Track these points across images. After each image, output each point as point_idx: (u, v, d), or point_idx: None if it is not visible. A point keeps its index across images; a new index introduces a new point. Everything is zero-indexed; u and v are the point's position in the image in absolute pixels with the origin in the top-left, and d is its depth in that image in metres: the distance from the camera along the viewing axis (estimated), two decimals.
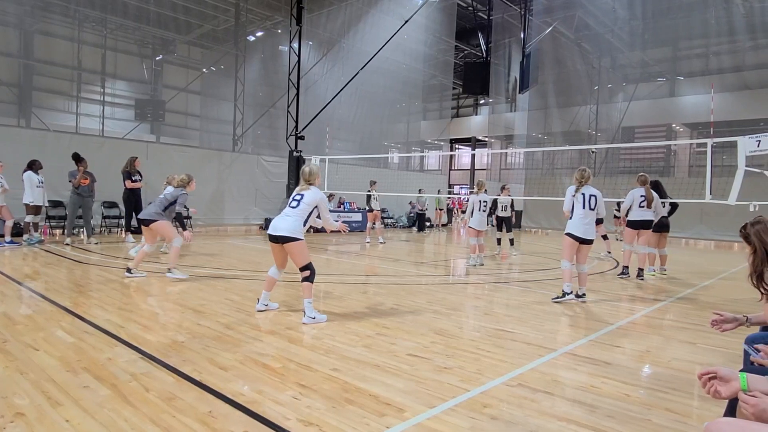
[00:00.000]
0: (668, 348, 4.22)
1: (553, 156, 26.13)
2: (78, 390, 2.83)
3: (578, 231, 5.96)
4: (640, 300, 6.41)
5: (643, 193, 7.93)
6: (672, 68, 23.56)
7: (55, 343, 3.68)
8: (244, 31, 19.63)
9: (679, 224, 19.18)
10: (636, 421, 2.71)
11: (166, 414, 2.58)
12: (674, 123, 23.96)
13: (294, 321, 4.65)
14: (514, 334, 4.48)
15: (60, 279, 6.30)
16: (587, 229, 5.97)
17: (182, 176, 7.04)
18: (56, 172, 11.27)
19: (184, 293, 5.73)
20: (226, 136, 19.26)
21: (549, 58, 22.62)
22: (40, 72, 18.00)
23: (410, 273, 8.25)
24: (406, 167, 28.32)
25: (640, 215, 7.97)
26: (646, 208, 7.93)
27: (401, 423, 2.59)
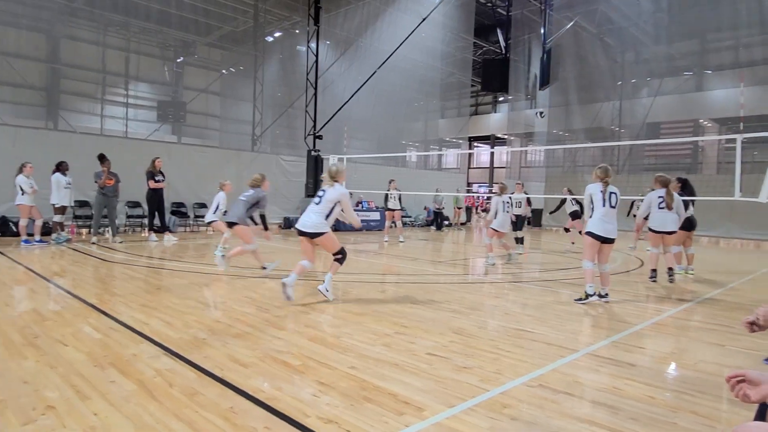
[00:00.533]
0: (695, 350, 4.12)
1: (575, 153, 25.77)
2: (105, 384, 2.90)
3: (600, 230, 5.81)
4: (666, 300, 6.28)
5: (662, 194, 7.40)
6: (699, 61, 22.96)
7: (83, 338, 3.78)
8: (262, 31, 19.83)
9: (708, 223, 18.75)
10: (661, 425, 2.66)
11: (188, 409, 2.63)
12: (702, 118, 23.37)
13: (313, 319, 4.68)
14: (534, 334, 4.44)
15: (86, 276, 6.46)
16: (609, 228, 5.83)
17: (255, 176, 7.06)
18: (82, 172, 11.54)
19: (205, 291, 5.82)
20: (245, 136, 19.49)
21: (570, 54, 22.30)
22: (66, 75, 18.47)
23: (428, 272, 8.24)
24: (424, 166, 28.27)
25: (661, 220, 7.42)
26: (666, 210, 7.39)
27: (420, 422, 2.59)
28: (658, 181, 7.51)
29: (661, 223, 7.46)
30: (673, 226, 7.47)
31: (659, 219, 7.46)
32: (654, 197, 7.47)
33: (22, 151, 11.17)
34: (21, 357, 3.31)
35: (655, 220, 7.51)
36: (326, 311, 5.08)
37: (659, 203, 7.41)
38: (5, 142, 11.41)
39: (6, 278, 6.14)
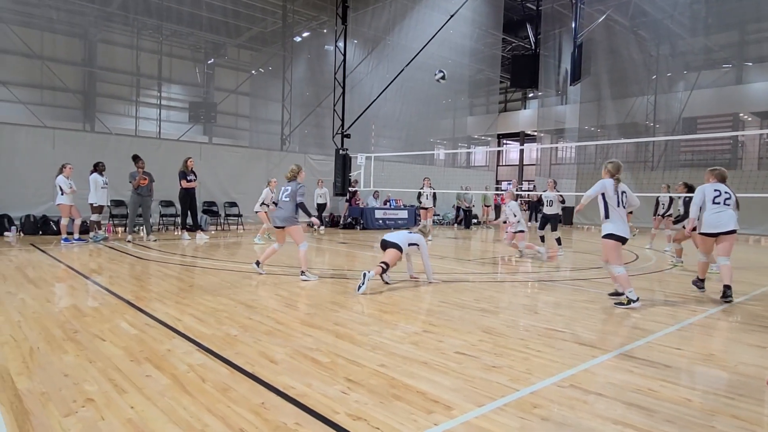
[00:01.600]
0: (734, 351, 3.98)
1: (607, 150, 25.11)
2: (141, 378, 2.99)
3: (622, 231, 5.48)
4: (704, 300, 6.08)
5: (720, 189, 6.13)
6: (739, 53, 22.06)
7: (120, 334, 3.90)
8: (291, 32, 20.03)
9: (747, 220, 18.02)
10: (698, 428, 2.58)
11: (221, 404, 2.68)
12: (741, 112, 22.45)
13: (342, 318, 4.71)
14: (565, 333, 4.36)
15: (123, 274, 6.67)
16: (626, 228, 5.56)
17: (292, 167, 7.06)
18: (118, 173, 11.92)
19: (235, 289, 5.93)
20: (274, 136, 19.73)
21: (602, 48, 21.76)
22: (102, 79, 19.08)
23: (456, 270, 8.18)
24: (452, 164, 28.06)
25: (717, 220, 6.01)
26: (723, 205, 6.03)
27: (449, 420, 2.58)
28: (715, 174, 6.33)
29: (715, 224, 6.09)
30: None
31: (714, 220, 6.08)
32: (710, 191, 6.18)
33: (61, 152, 11.62)
34: (62, 351, 3.45)
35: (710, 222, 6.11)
36: (355, 309, 5.11)
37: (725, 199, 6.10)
38: (45, 144, 11.88)
39: (47, 275, 6.40)
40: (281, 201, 6.92)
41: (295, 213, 6.79)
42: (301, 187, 6.83)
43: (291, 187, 6.85)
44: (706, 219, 6.10)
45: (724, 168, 6.31)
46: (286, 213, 6.75)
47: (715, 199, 6.05)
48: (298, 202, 6.76)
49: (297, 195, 6.75)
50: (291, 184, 6.90)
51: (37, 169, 11.42)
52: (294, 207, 6.75)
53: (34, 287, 5.58)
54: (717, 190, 6.10)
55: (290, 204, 6.75)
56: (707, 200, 6.10)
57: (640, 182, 19.91)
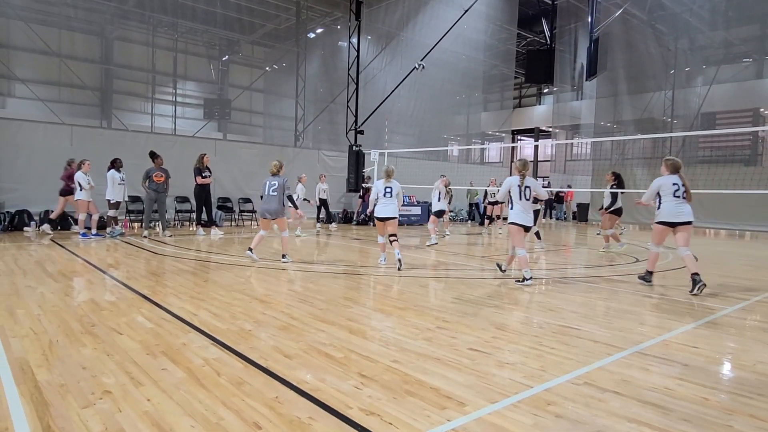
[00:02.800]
0: (753, 350, 3.91)
1: (624, 146, 24.78)
2: (157, 372, 3.04)
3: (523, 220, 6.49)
4: (722, 298, 5.98)
5: (677, 181, 6.32)
6: (760, 47, 21.56)
7: (137, 328, 3.96)
8: (304, 28, 20.07)
9: (767, 217, 17.73)
10: (715, 427, 2.54)
11: (236, 398, 2.71)
12: (762, 107, 21.99)
13: (355, 313, 4.72)
14: (579, 331, 4.32)
15: (139, 269, 6.76)
16: (528, 218, 6.51)
17: (275, 162, 7.61)
18: (134, 169, 12.07)
19: (250, 284, 5.98)
20: (288, 132, 19.82)
21: (619, 42, 21.42)
22: (119, 76, 19.32)
23: (470, 266, 8.15)
24: (466, 160, 27.92)
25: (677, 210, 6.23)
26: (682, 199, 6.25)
27: (462, 417, 2.58)
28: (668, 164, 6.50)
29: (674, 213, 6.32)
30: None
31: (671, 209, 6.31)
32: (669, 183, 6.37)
33: (78, 148, 11.80)
34: (80, 344, 3.51)
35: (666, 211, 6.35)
36: (368, 305, 5.13)
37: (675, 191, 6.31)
38: (64, 140, 12.08)
39: (66, 270, 6.51)
40: (268, 195, 7.34)
41: (283, 205, 7.34)
42: (287, 180, 7.39)
43: (278, 181, 7.32)
44: (666, 209, 6.32)
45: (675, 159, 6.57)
46: (276, 206, 7.32)
47: (675, 193, 6.30)
48: (287, 195, 7.33)
49: (286, 188, 7.34)
50: (277, 179, 7.37)
51: (55, 165, 11.60)
52: (282, 199, 7.29)
53: (53, 281, 5.68)
54: (675, 184, 6.34)
55: (278, 197, 7.27)
56: (668, 192, 6.32)
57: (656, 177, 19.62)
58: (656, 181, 6.46)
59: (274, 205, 7.32)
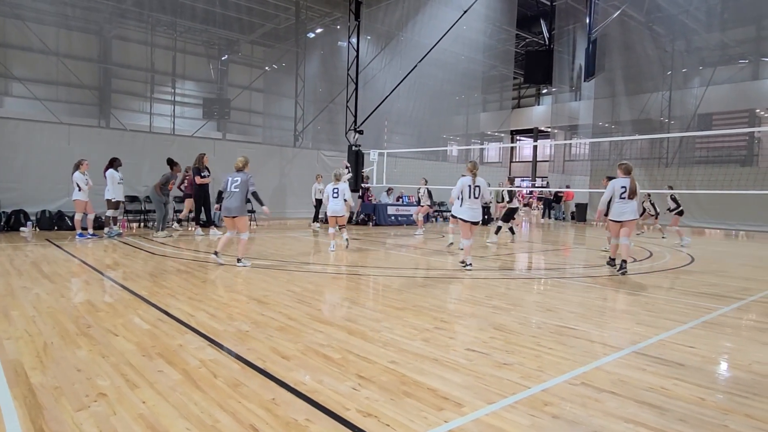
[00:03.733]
0: (749, 350, 3.92)
1: (621, 146, 24.84)
2: (153, 374, 3.03)
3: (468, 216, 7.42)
4: (718, 298, 5.99)
5: (626, 183, 7.49)
6: (755, 49, 21.66)
7: (133, 329, 3.95)
8: (304, 28, 20.06)
9: (763, 217, 17.81)
10: (711, 427, 2.55)
11: (232, 399, 2.71)
12: (758, 108, 22.07)
13: (353, 314, 4.72)
14: (577, 331, 4.32)
15: (136, 269, 6.75)
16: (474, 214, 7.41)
17: (240, 158, 7.21)
18: (133, 168, 12.06)
19: (248, 284, 5.97)
20: (287, 132, 19.82)
21: (617, 44, 21.47)
22: (117, 75, 19.29)
23: (470, 267, 8.14)
24: (465, 160, 27.92)
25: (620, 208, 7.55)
26: (628, 199, 7.49)
27: (460, 418, 2.57)
28: (622, 169, 7.70)
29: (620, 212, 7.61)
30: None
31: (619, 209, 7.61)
32: (618, 185, 7.58)
33: (76, 148, 11.78)
34: (75, 346, 3.50)
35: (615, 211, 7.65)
36: (366, 305, 5.12)
37: (621, 193, 7.55)
38: (61, 140, 12.05)
39: (62, 270, 6.50)
40: (230, 191, 7.02)
41: (245, 202, 7.03)
42: (251, 177, 7.06)
43: (241, 177, 7.02)
44: (615, 209, 7.63)
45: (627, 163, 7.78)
46: (237, 203, 6.96)
47: (621, 195, 7.56)
48: (251, 192, 7.01)
49: (249, 185, 6.98)
50: (240, 174, 7.04)
51: (52, 165, 11.59)
52: (244, 196, 6.98)
53: (48, 282, 5.67)
54: (623, 187, 7.54)
55: (240, 194, 6.94)
56: (616, 194, 7.59)
57: (654, 179, 19.67)
58: (611, 183, 7.70)
59: (235, 203, 6.94)
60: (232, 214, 7.02)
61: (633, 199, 7.52)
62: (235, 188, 6.99)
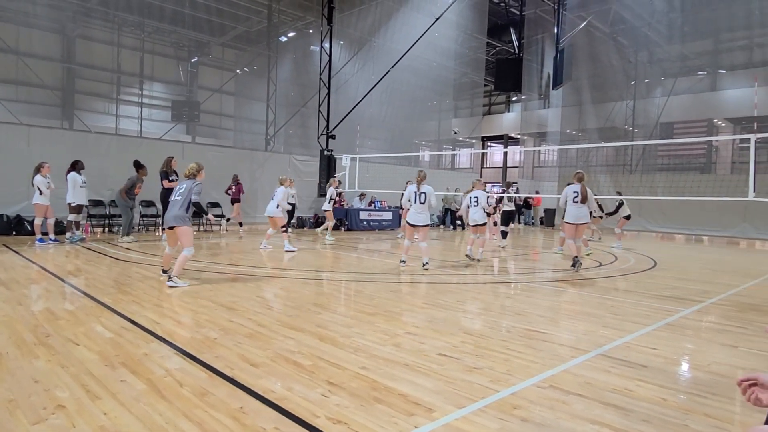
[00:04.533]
0: (708, 351, 4.06)
1: (588, 153, 25.53)
2: (116, 384, 2.93)
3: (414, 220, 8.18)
4: (679, 300, 6.19)
5: (577, 189, 8.30)
6: (713, 61, 22.64)
7: (95, 338, 3.82)
8: (276, 32, 19.93)
9: (720, 222, 18.55)
10: (673, 427, 2.62)
11: (198, 409, 2.64)
12: (716, 118, 23.04)
13: (324, 320, 4.68)
14: (545, 334, 4.40)
15: (100, 276, 6.54)
16: (420, 218, 8.15)
17: (192, 165, 6.49)
18: (97, 172, 11.70)
19: (216, 291, 5.86)
20: (258, 136, 19.61)
21: (583, 54, 22.08)
22: (81, 75, 18.73)
23: (440, 272, 8.20)
24: (437, 165, 28.19)
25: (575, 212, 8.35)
26: (580, 203, 8.28)
27: (430, 423, 2.58)
28: (575, 177, 8.52)
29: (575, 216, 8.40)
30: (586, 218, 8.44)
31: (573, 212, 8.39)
32: (570, 191, 8.39)
33: (37, 150, 11.35)
34: (32, 356, 3.35)
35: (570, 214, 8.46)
36: (338, 311, 5.09)
37: (574, 197, 8.32)
38: (20, 141, 11.59)
39: (20, 277, 6.24)
40: (173, 199, 6.31)
41: (186, 212, 6.22)
42: (197, 185, 6.31)
43: (186, 185, 6.32)
44: (570, 212, 8.41)
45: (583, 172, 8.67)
46: (175, 211, 6.19)
47: (575, 199, 8.33)
48: (193, 201, 6.22)
49: (192, 193, 6.21)
50: (187, 182, 6.35)
51: (10, 167, 11.13)
52: (187, 206, 6.20)
53: (5, 289, 5.43)
54: (575, 192, 8.30)
55: (182, 202, 6.20)
56: (569, 199, 8.39)
57: (619, 185, 20.23)
58: (565, 189, 8.51)
59: (173, 211, 6.20)
60: (170, 224, 6.23)
61: (585, 203, 8.30)
62: (178, 196, 6.24)
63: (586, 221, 8.39)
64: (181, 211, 6.18)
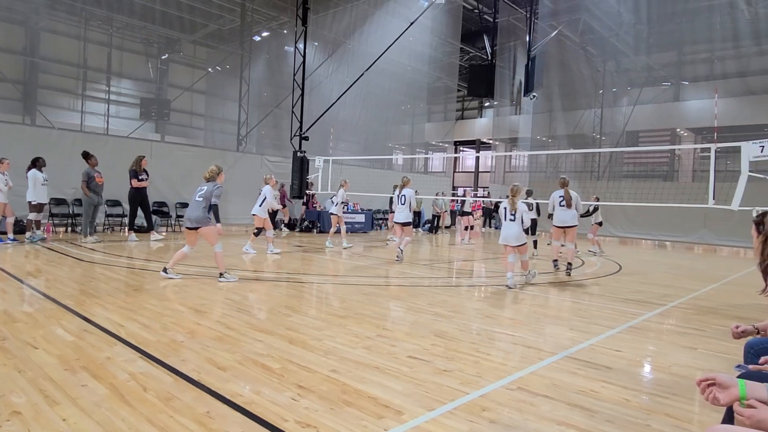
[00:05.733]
0: (669, 353, 4.19)
1: (558, 159, 26.09)
2: (76, 389, 2.83)
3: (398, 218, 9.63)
4: (642, 304, 6.38)
5: (562, 193, 8.61)
6: (677, 73, 23.46)
7: (54, 341, 3.69)
8: (249, 31, 19.68)
9: (682, 229, 19.20)
10: (636, 427, 2.69)
11: (163, 414, 2.58)
12: (678, 127, 23.87)
13: (295, 322, 4.64)
14: (514, 337, 4.46)
15: (61, 277, 6.32)
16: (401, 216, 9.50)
17: (212, 167, 6.77)
18: (60, 169, 11.31)
19: (184, 293, 5.74)
20: (230, 136, 19.30)
21: (554, 62, 22.57)
22: (45, 70, 18.07)
23: (412, 275, 8.24)
24: (410, 169, 28.30)
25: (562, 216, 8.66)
26: (566, 207, 8.57)
27: (399, 426, 2.58)
28: (559, 182, 8.78)
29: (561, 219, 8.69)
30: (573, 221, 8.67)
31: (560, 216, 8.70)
32: (556, 196, 8.69)
33: None
34: None
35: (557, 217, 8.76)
36: (309, 314, 5.05)
37: (560, 201, 8.63)
38: None
39: None
40: (194, 200, 6.59)
41: (208, 213, 6.48)
42: (218, 188, 6.55)
43: (207, 188, 6.56)
44: (557, 216, 8.74)
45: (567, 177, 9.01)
46: (198, 213, 6.46)
47: (561, 203, 8.64)
48: (213, 204, 6.48)
49: (213, 196, 6.47)
50: (208, 185, 6.59)
51: None
52: (207, 208, 6.47)
53: None
54: (561, 196, 8.62)
55: (203, 204, 6.47)
56: (556, 204, 8.71)
57: (587, 191, 20.73)
58: (552, 194, 8.82)
59: (195, 213, 6.49)
60: (192, 224, 6.50)
61: (570, 207, 8.55)
62: (199, 198, 6.52)
63: (573, 224, 8.63)
64: (204, 212, 6.45)
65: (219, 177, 6.72)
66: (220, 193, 6.53)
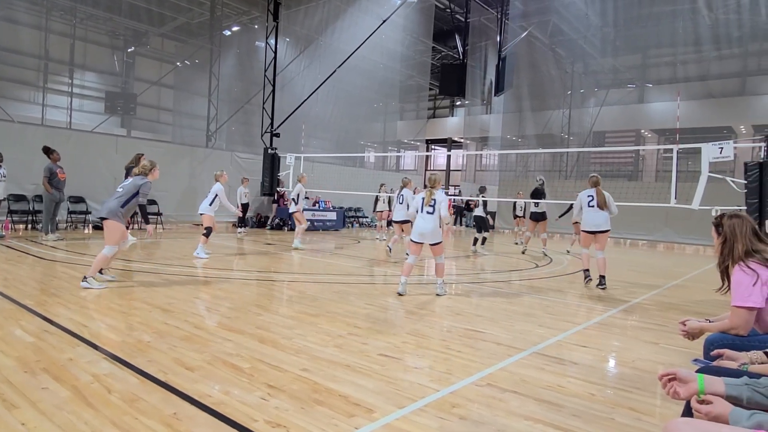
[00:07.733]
0: (632, 348, 4.32)
1: (527, 158, 26.54)
2: (36, 391, 2.73)
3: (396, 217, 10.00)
4: (608, 301, 6.56)
5: (592, 193, 7.36)
6: (641, 75, 24.20)
7: (13, 342, 3.55)
8: (219, 25, 19.33)
9: (645, 227, 19.81)
10: (600, 420, 2.77)
11: (128, 416, 2.51)
12: (643, 129, 24.64)
13: (265, 321, 4.59)
14: (484, 334, 4.53)
15: (21, 276, 6.08)
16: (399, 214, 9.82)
17: (144, 162, 6.06)
18: (20, 164, 10.90)
19: (152, 292, 5.60)
20: (199, 132, 18.91)
21: (524, 62, 22.95)
22: (4, 61, 17.33)
23: (384, 273, 8.26)
24: (382, 167, 28.33)
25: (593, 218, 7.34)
26: (597, 208, 7.28)
27: (370, 423, 2.59)
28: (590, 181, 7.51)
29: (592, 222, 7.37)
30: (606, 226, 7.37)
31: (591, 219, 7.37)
32: (584, 196, 7.45)
33: None
34: None
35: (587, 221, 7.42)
36: (279, 312, 5.00)
37: (589, 202, 7.35)
38: None
39: None
40: (116, 191, 5.85)
41: (122, 207, 5.69)
42: (146, 184, 5.81)
43: (134, 181, 5.86)
44: (586, 219, 7.44)
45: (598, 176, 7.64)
46: (112, 206, 5.67)
47: (590, 203, 7.37)
48: (140, 203, 5.80)
49: (140, 194, 5.77)
50: (135, 178, 5.88)
51: None
52: (125, 202, 5.70)
53: None
54: (590, 196, 7.39)
55: (123, 197, 5.71)
56: (583, 205, 7.43)
57: (555, 189, 21.16)
58: (579, 194, 7.62)
59: (110, 204, 5.69)
60: (102, 214, 5.71)
61: (603, 209, 7.28)
62: (120, 188, 5.83)
63: (605, 228, 7.30)
64: (117, 205, 5.65)
65: (152, 173, 6.00)
66: (147, 191, 5.83)
